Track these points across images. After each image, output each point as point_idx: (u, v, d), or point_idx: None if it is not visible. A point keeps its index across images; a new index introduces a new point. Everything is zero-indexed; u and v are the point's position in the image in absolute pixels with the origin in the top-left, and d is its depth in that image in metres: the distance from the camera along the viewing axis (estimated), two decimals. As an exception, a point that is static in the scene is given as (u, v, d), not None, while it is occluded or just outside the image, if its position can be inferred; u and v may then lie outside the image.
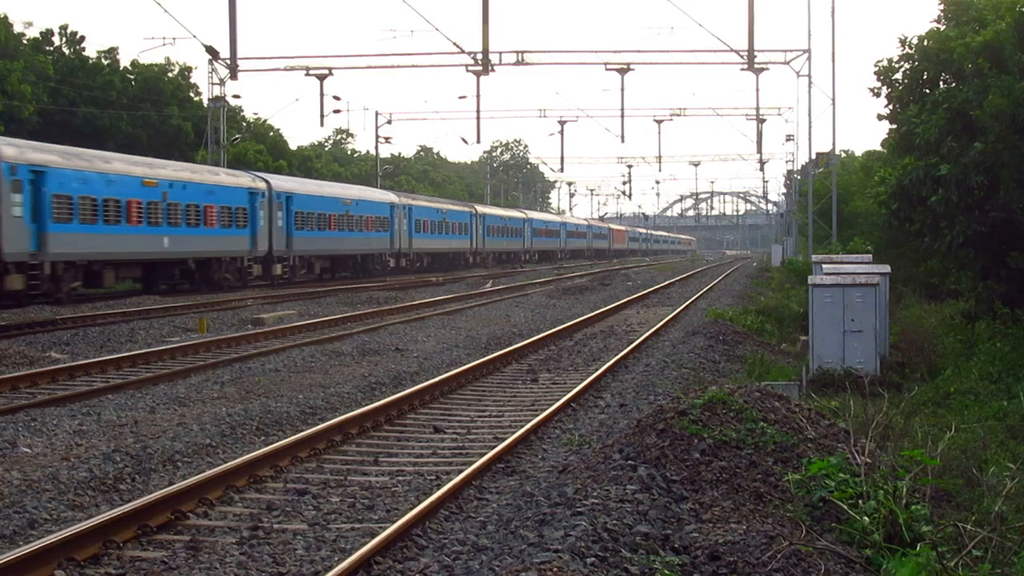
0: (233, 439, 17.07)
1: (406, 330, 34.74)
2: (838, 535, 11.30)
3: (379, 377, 23.74)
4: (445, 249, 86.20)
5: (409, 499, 13.60)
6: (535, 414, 19.23)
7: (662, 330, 35.20)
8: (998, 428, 19.65)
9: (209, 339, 30.61)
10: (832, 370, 26.08)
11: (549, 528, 11.06)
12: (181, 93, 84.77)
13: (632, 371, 25.67)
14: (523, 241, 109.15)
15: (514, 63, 64.37)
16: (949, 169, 31.62)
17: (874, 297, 27.48)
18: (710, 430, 13.97)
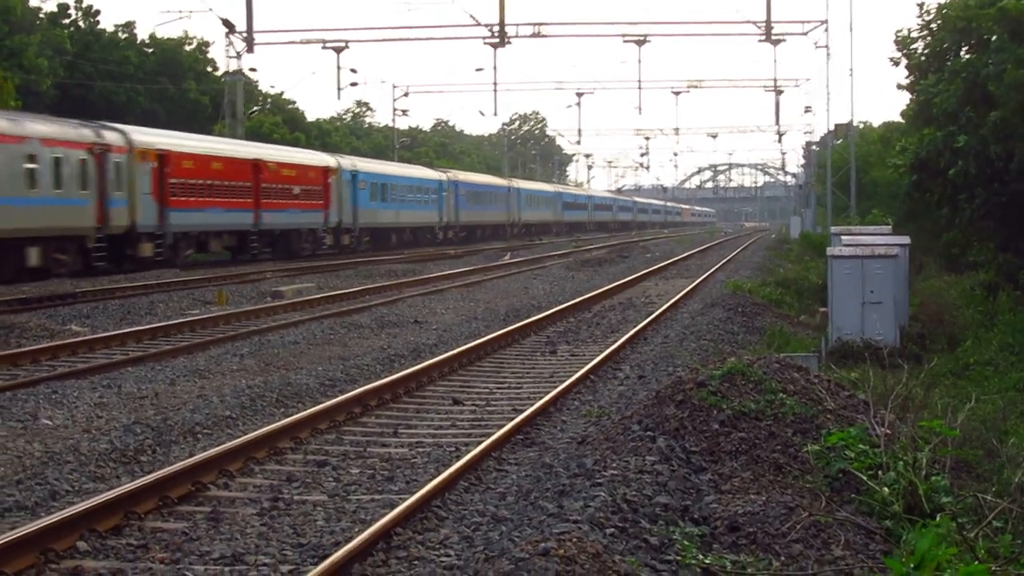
0: (253, 411, 17.12)
1: (425, 302, 34.78)
2: (857, 506, 11.30)
3: (398, 349, 23.77)
4: (487, 221, 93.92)
5: (429, 470, 13.63)
6: (554, 386, 19.23)
7: (681, 302, 35.17)
8: (1018, 399, 19.66)
9: (229, 312, 30.69)
10: (851, 341, 26.05)
11: (568, 499, 11.07)
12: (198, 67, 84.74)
13: (651, 343, 25.66)
14: (554, 213, 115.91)
15: (531, 35, 64.34)
16: (967, 140, 31.54)
17: (893, 268, 27.43)
18: (729, 401, 13.96)
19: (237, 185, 53.11)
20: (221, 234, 53.10)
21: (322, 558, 10.15)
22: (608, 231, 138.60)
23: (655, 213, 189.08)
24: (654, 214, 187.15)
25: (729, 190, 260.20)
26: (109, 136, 44.40)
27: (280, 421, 15.52)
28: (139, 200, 45.22)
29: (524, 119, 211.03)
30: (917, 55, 38.54)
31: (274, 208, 56.26)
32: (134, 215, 44.97)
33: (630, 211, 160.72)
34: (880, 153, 66.95)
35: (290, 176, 58.35)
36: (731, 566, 9.76)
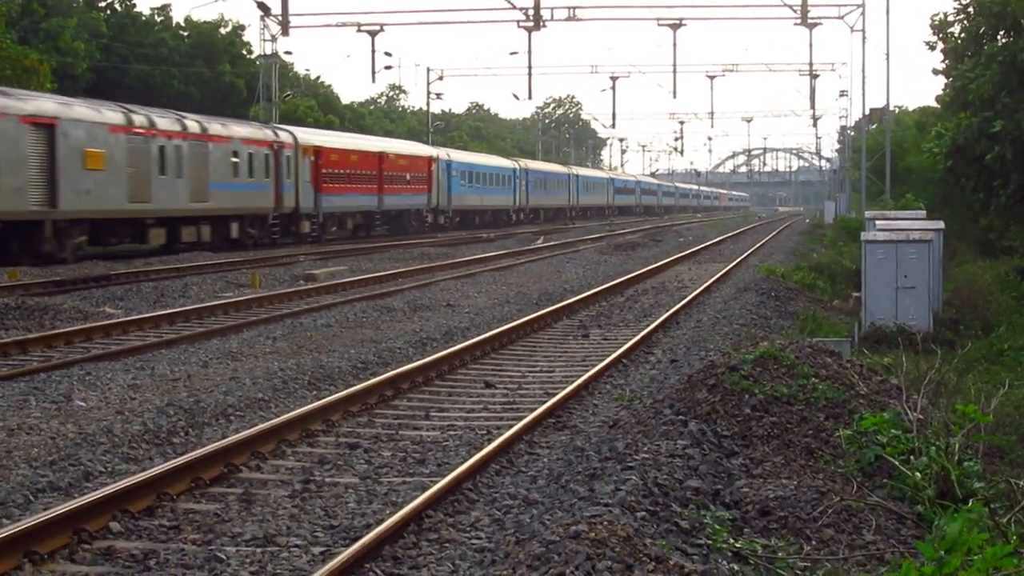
0: (285, 393, 17.15)
1: (457, 286, 34.81)
2: (889, 491, 11.26)
3: (430, 332, 23.79)
4: (551, 205, 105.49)
5: (460, 453, 13.65)
6: (586, 369, 19.23)
7: (713, 286, 35.12)
8: (1052, 385, 19.54)
9: (262, 295, 30.79)
10: (884, 327, 26.00)
11: (599, 482, 11.07)
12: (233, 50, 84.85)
13: (683, 327, 25.64)
14: (607, 197, 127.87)
15: (566, 19, 64.30)
16: (1003, 125, 31.39)
17: (928, 253, 27.35)
18: (761, 386, 13.94)
19: (367, 173, 64.22)
20: (355, 214, 64.40)
21: (353, 540, 10.17)
22: (654, 214, 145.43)
23: (695, 198, 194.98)
24: (694, 198, 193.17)
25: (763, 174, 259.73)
26: (282, 135, 56.00)
27: (312, 403, 15.55)
28: (301, 187, 56.49)
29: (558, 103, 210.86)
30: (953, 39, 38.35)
31: (393, 192, 67.59)
32: (298, 199, 56.25)
33: (672, 195, 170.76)
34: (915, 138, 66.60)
35: (404, 165, 69.65)
36: (762, 550, 9.75)
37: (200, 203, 47.77)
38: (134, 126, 43.83)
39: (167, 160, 45.61)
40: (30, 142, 37.92)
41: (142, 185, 43.85)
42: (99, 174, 41.12)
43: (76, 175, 39.93)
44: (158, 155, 45.08)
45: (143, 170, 43.97)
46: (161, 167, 45.16)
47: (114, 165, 42.17)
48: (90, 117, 41.53)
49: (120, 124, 43.13)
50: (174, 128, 46.67)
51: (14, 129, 37.15)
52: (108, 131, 42.14)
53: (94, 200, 41.09)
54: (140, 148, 43.97)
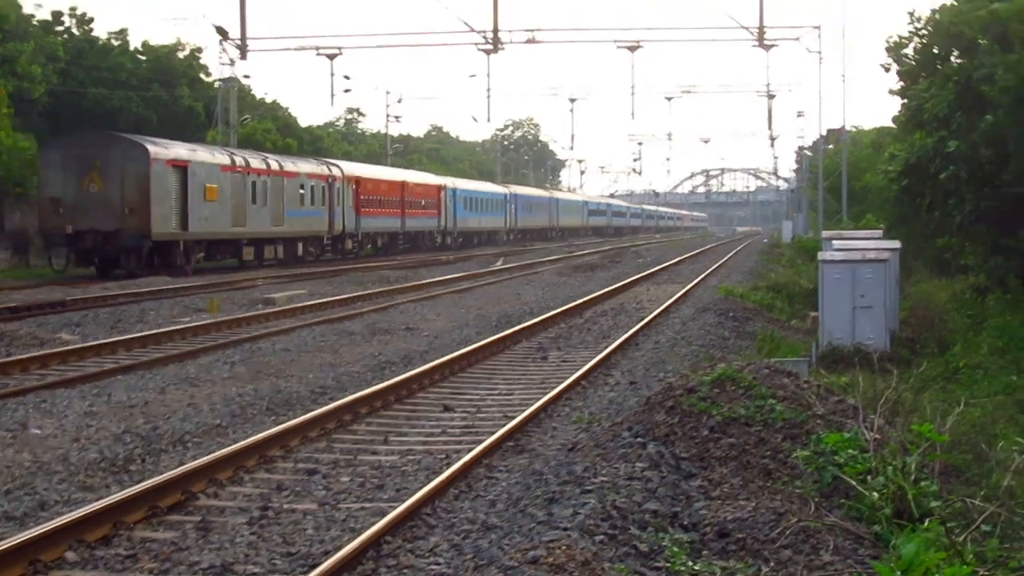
0: (243, 419, 17.10)
1: (416, 308, 34.77)
2: (847, 511, 11.29)
3: (389, 356, 23.77)
4: (536, 227, 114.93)
5: (419, 478, 13.62)
6: (545, 392, 19.23)
7: (672, 307, 35.20)
8: (1007, 403, 19.66)
9: (220, 319, 30.65)
10: (842, 346, 26.08)
11: (558, 506, 11.07)
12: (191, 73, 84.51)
13: (642, 348, 25.67)
14: (582, 219, 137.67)
15: (524, 41, 64.24)
16: (958, 146, 31.58)
17: (884, 273, 27.47)
18: (719, 407, 13.96)
19: (393, 199, 74.26)
20: (384, 234, 74.14)
21: (312, 567, 10.13)
22: (622, 234, 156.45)
23: (660, 219, 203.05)
24: (659, 219, 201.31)
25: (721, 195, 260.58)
26: (334, 169, 65.82)
27: (270, 429, 15.50)
28: (346, 212, 65.94)
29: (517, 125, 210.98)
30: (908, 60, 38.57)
31: (412, 216, 77.87)
32: (344, 222, 65.83)
33: (639, 216, 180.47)
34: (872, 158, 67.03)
35: (420, 192, 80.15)
36: (720, 572, 9.75)
37: (278, 227, 57.80)
38: (236, 166, 53.42)
39: (257, 192, 55.20)
40: (172, 180, 48.06)
41: (240, 213, 53.48)
42: (213, 204, 50.88)
43: (199, 205, 49.67)
44: (251, 189, 54.61)
45: (240, 201, 53.46)
46: (253, 198, 54.77)
47: (223, 197, 51.85)
48: (208, 159, 51.57)
49: (227, 164, 52.76)
50: (261, 166, 56.35)
51: (162, 170, 47.47)
52: (220, 170, 51.91)
53: (210, 225, 50.93)
54: (239, 183, 53.44)
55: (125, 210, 46.26)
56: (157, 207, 46.83)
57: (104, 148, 47.31)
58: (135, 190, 46.43)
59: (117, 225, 46.18)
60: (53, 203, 47.16)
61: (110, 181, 46.59)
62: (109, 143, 47.94)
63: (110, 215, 46.20)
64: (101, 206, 46.31)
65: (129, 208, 46.31)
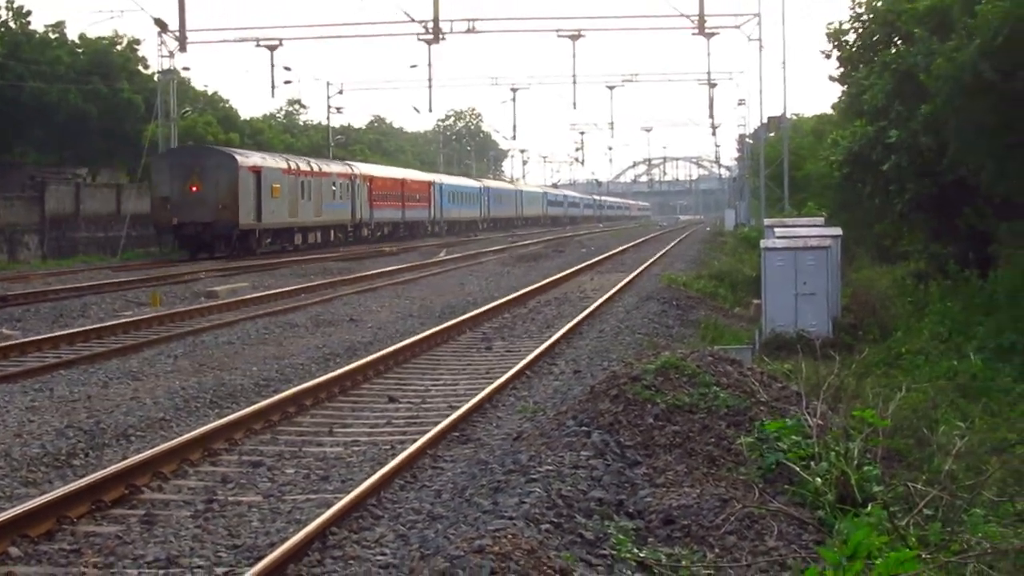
0: (187, 412, 17.05)
1: (360, 300, 34.71)
2: (791, 497, 11.36)
3: (333, 348, 23.75)
4: (505, 216, 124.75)
5: (364, 469, 13.61)
6: (489, 382, 19.26)
7: (616, 296, 35.28)
8: (948, 388, 19.80)
9: (162, 313, 30.51)
10: (785, 333, 26.20)
11: (504, 495, 11.09)
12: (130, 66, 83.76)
13: (586, 337, 25.73)
14: (543, 208, 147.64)
15: (465, 31, 64.23)
16: (898, 135, 31.75)
17: (826, 260, 27.60)
18: (663, 395, 14.01)
19: (396, 194, 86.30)
20: (389, 224, 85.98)
21: (257, 559, 10.12)
22: (577, 223, 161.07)
23: (610, 208, 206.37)
24: (609, 209, 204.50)
25: (664, 183, 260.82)
26: (354, 169, 78.14)
27: (214, 422, 15.47)
28: (362, 205, 77.90)
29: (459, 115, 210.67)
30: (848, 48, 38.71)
31: (409, 208, 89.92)
32: (362, 213, 77.73)
33: (592, 207, 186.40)
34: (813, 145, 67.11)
35: (415, 188, 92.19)
36: (666, 559, 9.80)
37: (319, 217, 70.13)
38: (291, 169, 65.12)
39: (304, 190, 66.56)
40: (251, 182, 59.12)
41: (294, 206, 65.20)
42: (278, 200, 62.55)
43: (268, 201, 61.04)
44: (300, 187, 66.06)
45: (294, 197, 65.10)
46: (302, 194, 66.23)
47: (283, 194, 63.21)
48: (273, 165, 63.16)
49: (285, 168, 64.39)
50: (307, 168, 68.06)
51: (245, 175, 58.50)
52: (282, 173, 63.50)
53: (275, 216, 62.53)
54: (293, 183, 65.02)
55: (219, 206, 57.33)
56: (243, 203, 58.17)
57: (202, 158, 59.47)
58: (227, 191, 57.59)
59: (213, 217, 57.31)
60: (163, 201, 58.29)
61: (207, 183, 57.69)
62: (206, 154, 60.81)
63: (207, 210, 57.21)
64: (200, 203, 57.34)
65: (222, 204, 57.43)
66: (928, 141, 30.96)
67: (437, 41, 63.20)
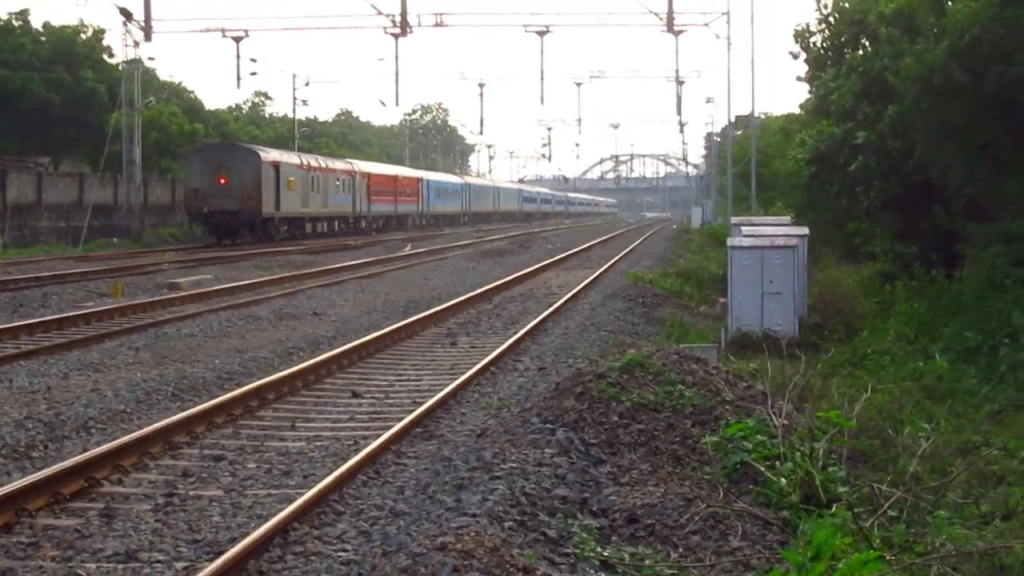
0: (148, 405, 16.97)
1: (324, 294, 34.61)
2: (755, 497, 11.37)
3: (296, 342, 23.69)
4: (483, 211, 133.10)
5: (327, 464, 13.57)
6: (454, 378, 19.22)
7: (581, 293, 35.28)
8: (914, 388, 19.84)
9: (124, 304, 30.37)
10: (751, 332, 26.22)
11: (467, 493, 11.06)
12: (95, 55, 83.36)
13: (551, 334, 25.72)
14: (518, 205, 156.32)
15: (433, 25, 64.20)
16: (866, 137, 31.83)
17: (792, 259, 27.65)
18: (628, 393, 14.02)
19: (389, 190, 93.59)
20: (383, 217, 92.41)
21: (217, 554, 10.06)
22: (549, 219, 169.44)
23: (580, 205, 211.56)
24: (580, 205, 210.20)
25: (631, 180, 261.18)
26: (355, 166, 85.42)
27: (176, 415, 15.39)
28: (361, 199, 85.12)
29: (426, 110, 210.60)
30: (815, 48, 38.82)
31: (401, 203, 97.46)
32: (361, 207, 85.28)
33: (563, 203, 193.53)
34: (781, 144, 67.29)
35: (406, 183, 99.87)
36: (629, 558, 9.79)
37: (326, 209, 77.77)
38: (303, 165, 72.41)
39: (314, 183, 74.08)
40: (272, 175, 66.12)
41: (306, 198, 72.71)
42: (293, 192, 69.85)
43: (286, 192, 68.41)
44: (311, 181, 73.54)
45: (306, 190, 72.52)
46: (312, 187, 73.73)
47: (297, 187, 70.50)
48: (289, 160, 70.58)
49: (298, 163, 71.67)
50: (316, 164, 75.47)
51: (267, 168, 65.52)
52: (296, 168, 70.78)
53: (290, 206, 69.95)
54: (305, 177, 72.32)
55: (245, 196, 64.15)
56: (265, 194, 65.27)
57: (229, 153, 66.41)
58: (251, 183, 64.36)
59: (239, 207, 64.22)
60: (194, 192, 65.24)
61: (233, 176, 64.36)
62: (232, 150, 67.64)
63: (234, 200, 64.10)
64: (228, 194, 64.20)
65: (247, 195, 64.26)
66: (895, 143, 31.06)
67: (404, 35, 63.12)
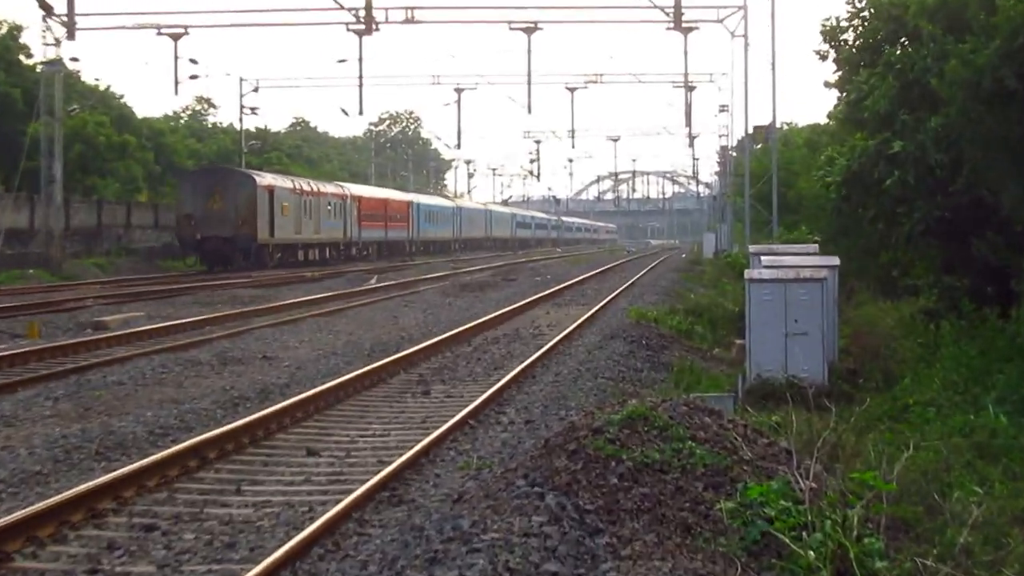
0: (68, 465, 16.91)
1: (275, 334, 34.59)
2: (779, 573, 11.33)
3: (243, 390, 23.64)
4: (475, 236, 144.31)
5: (277, 535, 13.52)
6: (426, 433, 19.21)
7: (576, 333, 35.29)
8: (963, 446, 19.80)
9: (41, 346, 30.33)
10: (773, 379, 26.20)
11: (441, 568, 11.02)
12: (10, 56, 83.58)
13: (540, 382, 25.70)
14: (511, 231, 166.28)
15: (403, 21, 64.29)
16: (904, 146, 31.78)
17: (821, 294, 27.65)
18: (630, 451, 13.97)
19: (378, 214, 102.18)
20: (373, 244, 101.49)
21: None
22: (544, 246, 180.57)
23: (577, 231, 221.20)
24: (576, 231, 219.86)
25: (633, 202, 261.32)
26: (345, 189, 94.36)
27: (101, 477, 15.33)
28: (352, 225, 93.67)
29: (395, 119, 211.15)
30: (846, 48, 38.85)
31: (392, 228, 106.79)
32: (351, 233, 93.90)
33: (559, 228, 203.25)
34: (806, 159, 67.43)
35: (396, 207, 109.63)
36: (631, 647, 9.74)
37: (318, 235, 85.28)
38: (296, 189, 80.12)
39: (307, 208, 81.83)
40: (266, 200, 73.70)
41: (299, 224, 79.90)
42: (286, 217, 77.18)
43: (279, 218, 75.51)
44: (304, 206, 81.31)
45: (299, 215, 79.81)
46: (305, 212, 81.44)
47: (291, 212, 78.03)
48: (283, 184, 78.68)
49: (291, 188, 79.47)
50: (308, 188, 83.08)
51: (262, 193, 73.29)
52: (289, 192, 78.40)
53: (284, 232, 77.29)
54: (298, 201, 79.86)
55: (239, 222, 71.38)
56: (260, 220, 72.63)
57: (223, 177, 73.98)
58: (246, 208, 71.77)
59: (233, 233, 71.49)
60: (187, 218, 72.29)
61: (228, 201, 71.69)
62: (226, 173, 75.62)
63: (228, 226, 71.42)
64: (221, 219, 71.46)
65: (242, 220, 71.46)
66: (940, 156, 31.04)
67: (370, 32, 63.27)
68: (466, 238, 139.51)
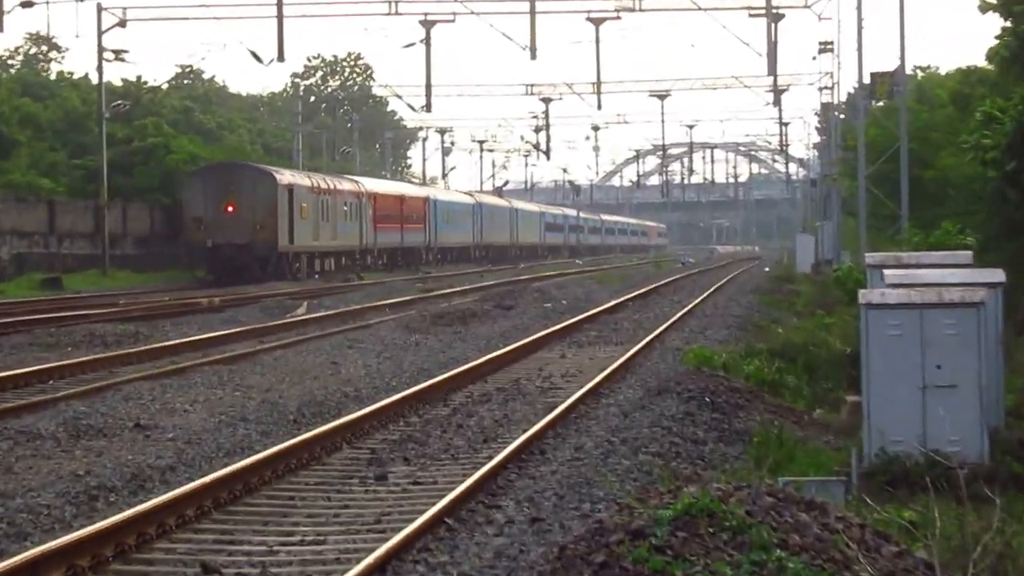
0: None
1: (154, 392, 34.48)
2: None
3: (104, 477, 23.59)
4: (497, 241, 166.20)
5: None
6: (381, 541, 19.14)
7: (605, 386, 35.30)
8: None
9: None
10: (904, 456, 26.14)
11: None
12: None
13: (553, 460, 25.69)
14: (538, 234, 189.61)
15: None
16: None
17: (976, 325, 27.52)
18: (688, 565, 13.93)
19: (394, 214, 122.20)
20: (387, 250, 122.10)
21: None
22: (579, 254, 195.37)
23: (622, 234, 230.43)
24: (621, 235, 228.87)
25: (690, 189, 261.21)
26: (360, 185, 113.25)
27: None
28: (367, 227, 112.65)
29: (332, 67, 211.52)
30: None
31: (408, 230, 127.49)
32: (367, 238, 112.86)
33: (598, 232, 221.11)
34: (952, 122, 67.29)
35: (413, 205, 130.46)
36: None
37: (335, 241, 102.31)
38: (313, 187, 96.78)
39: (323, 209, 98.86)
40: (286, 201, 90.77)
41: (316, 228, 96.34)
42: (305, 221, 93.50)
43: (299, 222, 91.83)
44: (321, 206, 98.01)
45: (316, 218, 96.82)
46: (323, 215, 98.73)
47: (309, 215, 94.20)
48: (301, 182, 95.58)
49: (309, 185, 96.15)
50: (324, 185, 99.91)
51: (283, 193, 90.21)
52: (308, 191, 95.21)
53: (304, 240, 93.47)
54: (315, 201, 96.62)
55: (256, 227, 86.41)
56: (281, 224, 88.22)
57: (239, 175, 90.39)
58: (264, 210, 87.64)
59: (250, 239, 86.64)
60: (196, 222, 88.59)
61: (243, 203, 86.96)
62: (241, 171, 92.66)
63: (244, 231, 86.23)
64: (236, 224, 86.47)
65: (260, 225, 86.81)
66: None
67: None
68: (487, 244, 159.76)
